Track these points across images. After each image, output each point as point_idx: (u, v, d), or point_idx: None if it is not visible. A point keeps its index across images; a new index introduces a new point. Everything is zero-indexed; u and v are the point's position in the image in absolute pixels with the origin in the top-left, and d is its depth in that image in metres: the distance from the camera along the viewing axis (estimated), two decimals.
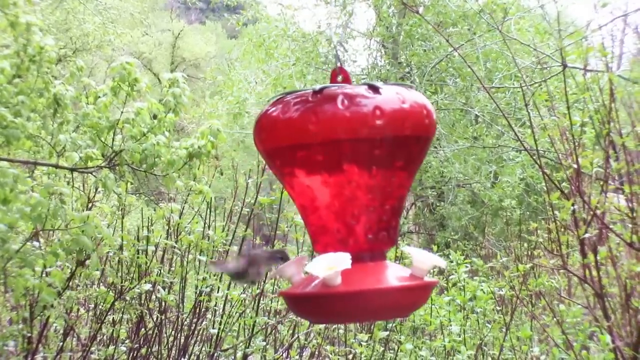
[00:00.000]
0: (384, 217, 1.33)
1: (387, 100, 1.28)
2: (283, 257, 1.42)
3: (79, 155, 3.52)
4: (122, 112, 3.52)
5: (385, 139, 1.28)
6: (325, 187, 1.31)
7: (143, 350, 4.28)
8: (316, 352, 4.52)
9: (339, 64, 1.39)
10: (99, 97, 3.56)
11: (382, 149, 1.28)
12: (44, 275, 3.58)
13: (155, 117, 3.55)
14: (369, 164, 1.29)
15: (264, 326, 4.34)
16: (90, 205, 4.17)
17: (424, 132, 1.33)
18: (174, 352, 4.27)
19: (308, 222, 1.38)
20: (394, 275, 1.34)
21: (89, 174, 3.73)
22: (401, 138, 1.29)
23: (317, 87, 1.28)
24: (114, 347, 4.18)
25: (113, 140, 3.56)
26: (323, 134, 1.26)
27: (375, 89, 1.28)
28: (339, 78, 1.38)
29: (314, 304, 1.31)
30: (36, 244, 3.65)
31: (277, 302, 4.69)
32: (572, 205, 3.50)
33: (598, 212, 3.45)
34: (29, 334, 3.81)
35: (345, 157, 1.28)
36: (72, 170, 3.65)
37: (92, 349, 4.15)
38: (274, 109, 1.33)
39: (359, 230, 1.32)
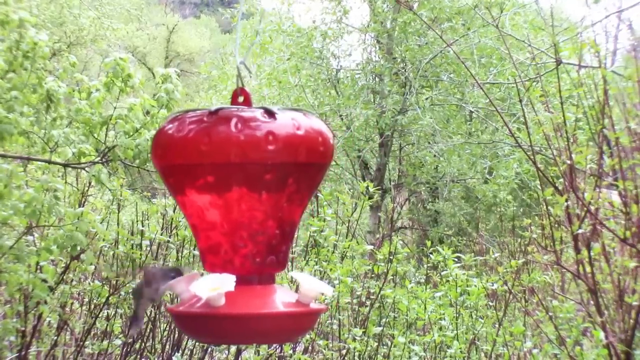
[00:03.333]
0: (273, 242, 1.32)
1: (281, 126, 1.27)
2: (177, 275, 1.39)
3: (72, 151, 3.51)
4: (115, 108, 3.52)
5: (277, 164, 1.27)
6: (215, 209, 1.31)
7: (137, 345, 4.28)
8: (310, 347, 4.52)
9: (240, 85, 1.38)
10: (92, 92, 3.55)
11: (274, 173, 1.28)
12: (37, 271, 3.57)
13: (148, 113, 3.55)
14: (260, 188, 1.29)
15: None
16: (83, 201, 4.16)
17: (318, 159, 1.33)
18: (167, 346, 4.27)
19: (198, 240, 1.37)
20: (280, 299, 1.34)
21: (82, 170, 3.72)
22: (294, 164, 1.29)
23: (214, 108, 1.28)
24: (108, 341, 4.17)
25: (106, 136, 3.55)
26: (214, 156, 1.26)
27: (270, 114, 1.28)
28: (240, 99, 1.37)
29: (197, 323, 1.31)
30: (30, 238, 3.64)
31: None
32: (566, 201, 3.50)
33: (592, 208, 3.45)
34: (23, 328, 3.81)
35: (235, 179, 1.28)
36: (65, 165, 3.65)
37: (86, 343, 4.15)
38: (170, 126, 1.32)
39: (247, 252, 1.31)
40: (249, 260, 1.31)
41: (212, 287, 1.24)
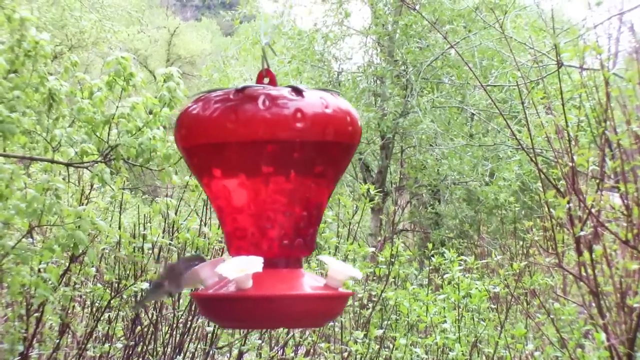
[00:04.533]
0: (301, 224, 1.31)
1: (310, 104, 1.26)
2: (200, 262, 1.36)
3: (75, 150, 3.51)
4: (117, 107, 3.51)
5: (305, 143, 1.26)
6: (242, 189, 1.29)
7: (139, 348, 4.27)
8: (311, 350, 4.52)
9: (265, 66, 1.36)
10: (94, 91, 3.55)
11: (302, 152, 1.26)
12: (39, 271, 3.57)
13: (150, 112, 3.55)
14: (288, 168, 1.27)
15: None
16: (85, 201, 4.16)
17: (346, 139, 1.31)
18: (169, 349, 4.27)
19: (224, 224, 1.35)
20: (307, 283, 1.32)
21: (85, 169, 3.72)
22: (322, 143, 1.28)
23: (240, 86, 1.27)
24: (110, 344, 4.17)
25: (109, 135, 3.55)
26: (242, 134, 1.24)
27: (298, 92, 1.26)
28: (265, 80, 1.35)
29: (224, 307, 1.29)
30: (30, 240, 3.64)
31: None
32: (568, 203, 3.50)
33: (593, 210, 3.45)
34: (25, 332, 3.80)
35: (263, 158, 1.26)
36: (67, 165, 3.65)
37: (88, 346, 4.15)
38: (195, 106, 1.31)
39: (274, 235, 1.29)
40: (277, 243, 1.29)
41: (240, 268, 1.22)
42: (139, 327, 4.31)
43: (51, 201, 3.18)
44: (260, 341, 4.26)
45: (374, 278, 5.18)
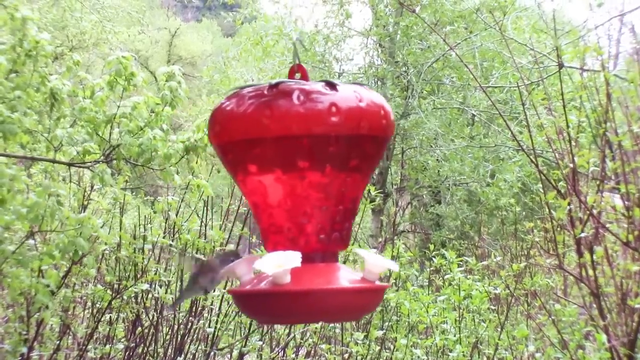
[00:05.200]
0: (336, 218, 1.31)
1: (344, 98, 1.26)
2: (235, 259, 1.38)
3: (76, 150, 3.51)
4: (119, 107, 3.51)
5: (340, 137, 1.26)
6: (278, 184, 1.29)
7: (139, 349, 4.27)
8: (312, 351, 4.52)
9: (297, 61, 1.36)
10: (96, 91, 3.54)
11: (337, 146, 1.27)
12: (39, 276, 3.56)
13: (152, 111, 3.54)
14: (323, 162, 1.27)
15: (260, 325, 4.34)
16: (86, 203, 4.16)
17: (380, 132, 1.31)
18: (170, 351, 4.27)
19: (259, 220, 1.35)
20: (344, 277, 1.33)
21: (85, 170, 3.71)
22: (357, 137, 1.28)
23: (274, 81, 1.27)
24: (111, 345, 4.17)
25: (110, 134, 3.54)
26: (277, 129, 1.24)
27: (332, 86, 1.27)
28: (297, 75, 1.36)
29: (262, 302, 1.29)
30: (32, 242, 3.64)
31: None
32: (569, 204, 3.50)
33: (594, 211, 3.45)
34: (26, 332, 3.80)
35: (299, 153, 1.26)
36: (69, 165, 3.64)
37: (89, 347, 4.15)
38: (228, 102, 1.31)
39: (311, 230, 1.30)
40: (313, 238, 1.30)
41: (278, 264, 1.22)
42: (139, 328, 4.31)
43: (53, 207, 3.18)
44: (261, 342, 4.25)
45: None
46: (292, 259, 1.22)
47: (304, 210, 1.29)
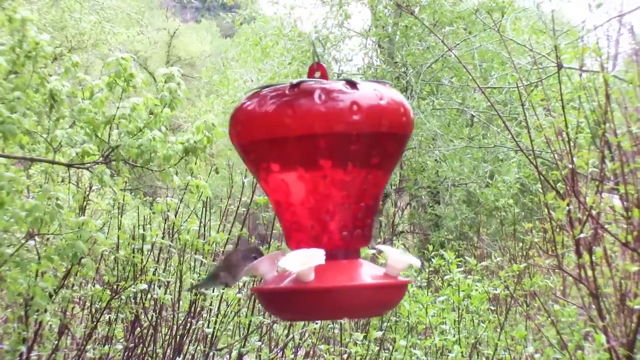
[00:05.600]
0: (359, 215, 1.32)
1: (365, 96, 1.27)
2: (257, 255, 1.39)
3: (76, 151, 3.51)
4: (118, 108, 3.51)
5: (361, 135, 1.27)
6: (300, 183, 1.30)
7: (138, 349, 4.27)
8: (311, 352, 4.52)
9: (316, 60, 1.37)
10: (95, 92, 3.54)
11: (359, 144, 1.28)
12: (37, 279, 3.55)
13: (151, 112, 3.54)
14: (345, 160, 1.28)
15: (259, 325, 4.34)
16: (85, 204, 4.16)
17: (400, 130, 1.33)
18: (169, 351, 4.27)
19: (282, 218, 1.36)
20: (367, 273, 1.34)
21: (84, 170, 3.71)
22: (377, 134, 1.29)
23: (295, 81, 1.27)
24: (109, 346, 4.17)
25: (109, 135, 3.54)
26: (299, 128, 1.25)
27: (353, 85, 1.27)
28: (317, 74, 1.36)
29: (286, 300, 1.30)
30: (31, 242, 3.64)
31: None
32: (568, 205, 3.50)
33: (593, 212, 3.45)
34: (24, 333, 3.80)
35: (321, 152, 1.27)
36: (68, 166, 3.64)
37: (88, 347, 4.14)
38: (250, 102, 1.31)
39: (333, 227, 1.31)
40: (336, 235, 1.31)
41: (302, 261, 1.22)
42: (138, 329, 4.31)
43: (52, 210, 3.18)
44: (259, 343, 4.25)
45: None
46: (316, 256, 1.23)
47: (326, 208, 1.30)
